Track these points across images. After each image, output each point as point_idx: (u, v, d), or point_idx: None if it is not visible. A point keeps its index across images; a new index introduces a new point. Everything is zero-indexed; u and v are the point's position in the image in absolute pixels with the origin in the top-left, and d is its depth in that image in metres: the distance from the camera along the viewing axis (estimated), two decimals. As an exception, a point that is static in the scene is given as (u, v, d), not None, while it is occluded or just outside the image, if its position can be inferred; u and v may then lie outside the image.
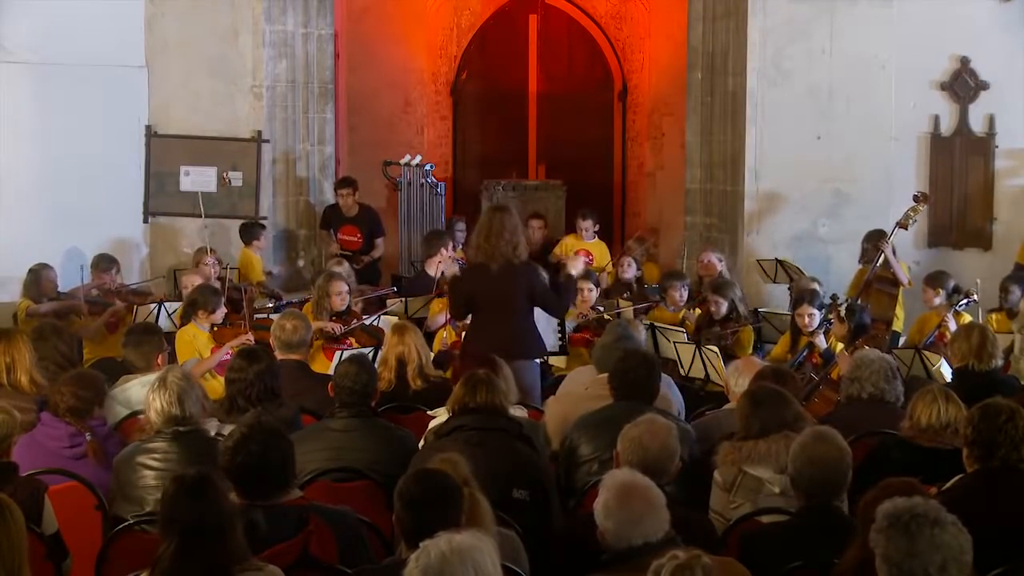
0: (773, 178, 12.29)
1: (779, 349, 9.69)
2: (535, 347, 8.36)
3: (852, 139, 12.25)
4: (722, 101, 12.75)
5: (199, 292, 9.43)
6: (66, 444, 6.17)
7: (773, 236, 12.30)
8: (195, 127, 12.69)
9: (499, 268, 8.21)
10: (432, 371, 7.69)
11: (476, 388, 6.06)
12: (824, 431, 5.19)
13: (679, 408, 7.18)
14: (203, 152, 12.71)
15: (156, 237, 12.82)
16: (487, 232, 8.26)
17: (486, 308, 8.30)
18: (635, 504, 4.57)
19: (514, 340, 8.14)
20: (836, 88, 12.24)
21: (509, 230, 8.23)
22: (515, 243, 8.23)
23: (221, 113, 12.68)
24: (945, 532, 3.94)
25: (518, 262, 8.24)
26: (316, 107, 13.24)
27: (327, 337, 9.48)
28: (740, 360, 7.36)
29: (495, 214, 8.35)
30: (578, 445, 6.28)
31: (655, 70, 16.58)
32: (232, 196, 12.80)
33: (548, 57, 17.54)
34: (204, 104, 12.66)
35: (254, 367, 6.63)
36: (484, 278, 8.25)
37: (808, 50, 12.22)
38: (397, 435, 6.35)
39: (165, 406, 5.84)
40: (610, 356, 6.84)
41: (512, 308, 8.24)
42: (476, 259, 8.41)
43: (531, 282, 8.27)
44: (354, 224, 12.76)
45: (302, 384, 7.45)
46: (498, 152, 17.40)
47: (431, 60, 17.11)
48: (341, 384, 6.36)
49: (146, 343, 7.48)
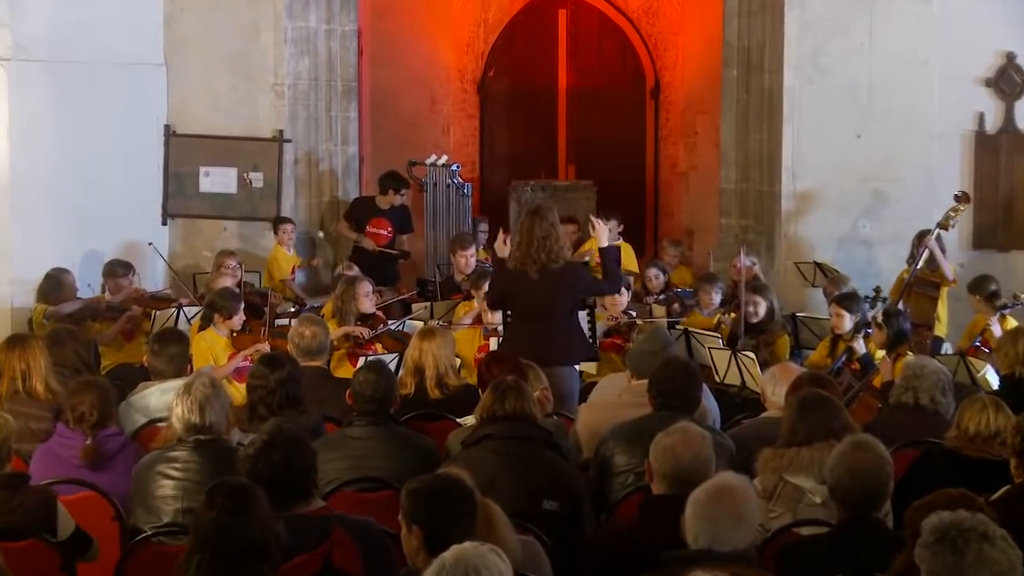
0: (811, 178, 12.23)
1: (817, 355, 9.64)
2: (577, 350, 8.40)
3: (893, 137, 12.17)
4: (758, 98, 12.70)
5: (217, 296, 9.44)
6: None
7: (811, 238, 12.24)
8: (215, 126, 12.71)
9: (537, 275, 8.26)
10: (454, 380, 7.62)
11: (505, 395, 6.04)
12: (864, 439, 5.14)
13: (715, 417, 7.14)
14: (223, 152, 12.73)
15: (175, 240, 12.86)
16: (519, 239, 8.35)
17: (524, 314, 8.37)
18: (732, 507, 4.55)
19: (553, 345, 8.18)
20: (876, 85, 12.16)
21: (541, 235, 8.26)
22: (550, 247, 8.26)
23: (242, 112, 12.69)
24: (994, 547, 3.88)
25: (557, 266, 8.28)
26: (339, 106, 13.25)
27: (354, 342, 9.48)
28: (777, 366, 7.31)
29: (526, 219, 8.42)
30: (613, 455, 6.26)
31: (688, 66, 16.55)
32: (253, 197, 12.82)
33: (578, 53, 17.53)
34: (224, 103, 12.68)
35: (276, 374, 6.63)
36: (523, 284, 8.30)
37: (847, 46, 12.15)
38: (417, 443, 6.35)
39: (186, 413, 5.84)
40: (650, 363, 6.80)
41: (551, 314, 8.30)
42: (511, 264, 8.46)
43: (573, 283, 8.36)
44: (387, 218, 12.77)
45: (325, 391, 7.46)
46: (526, 152, 17.41)
47: (457, 56, 17.11)
48: (359, 392, 6.37)
49: (174, 349, 7.48)
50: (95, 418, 6.23)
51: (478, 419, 6.13)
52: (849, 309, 9.34)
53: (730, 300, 10.82)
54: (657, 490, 5.27)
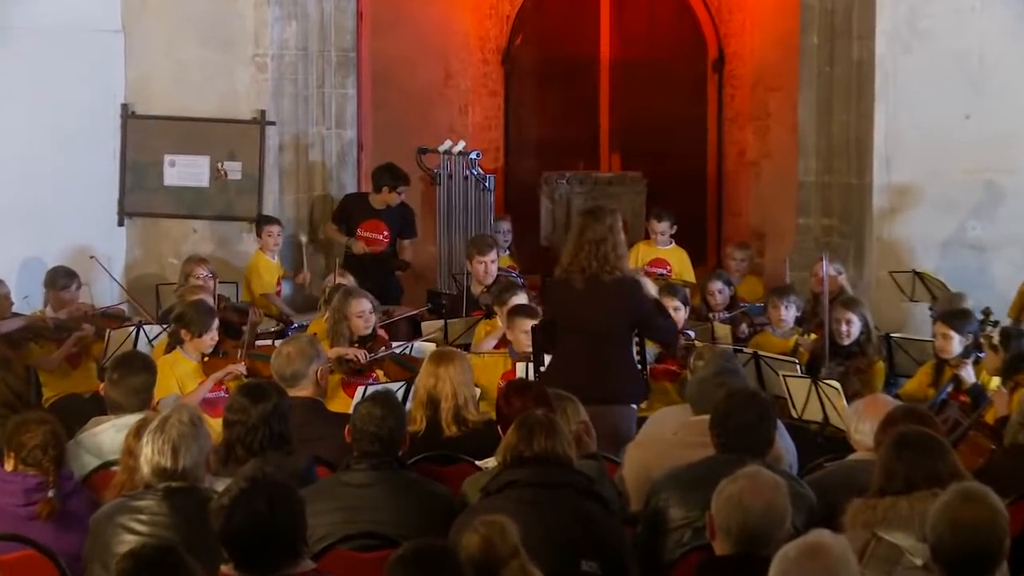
0: (909, 168, 12.22)
1: (915, 384, 9.61)
2: (632, 388, 8.48)
3: (1009, 118, 12.15)
4: (844, 72, 12.69)
5: (188, 309, 9.48)
6: (20, 501, 6.19)
7: (909, 242, 12.22)
8: (182, 106, 12.78)
9: (585, 285, 8.32)
10: (474, 414, 7.66)
11: (533, 433, 6.03)
12: (972, 488, 5.12)
13: (791, 460, 7.14)
14: (192, 137, 12.80)
15: (134, 243, 12.92)
16: (568, 242, 8.46)
17: (568, 335, 8.44)
18: (827, 570, 4.55)
19: (604, 377, 8.25)
20: (988, 55, 12.15)
21: (593, 238, 8.34)
22: (604, 254, 8.33)
23: (215, 89, 12.76)
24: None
25: (610, 278, 8.33)
26: (334, 81, 13.31)
27: (349, 369, 9.52)
28: (864, 399, 7.30)
29: (579, 220, 8.56)
30: (667, 507, 6.25)
31: (759, 34, 16.54)
32: (229, 192, 12.88)
33: (625, 18, 17.54)
34: (194, 77, 12.75)
35: (259, 407, 6.62)
36: (568, 297, 8.38)
37: (953, 7, 12.15)
38: (429, 491, 6.35)
39: (155, 454, 5.83)
40: (712, 394, 6.81)
41: (601, 336, 8.38)
42: (558, 274, 8.55)
43: (630, 303, 8.43)
44: (382, 219, 12.83)
45: (317, 427, 7.45)
46: (561, 137, 17.40)
47: (477, 22, 17.15)
48: (360, 428, 6.36)
49: (138, 379, 7.46)
50: (54, 454, 6.26)
51: (500, 462, 6.14)
52: (958, 329, 9.30)
53: (810, 318, 10.81)
54: (720, 550, 5.27)
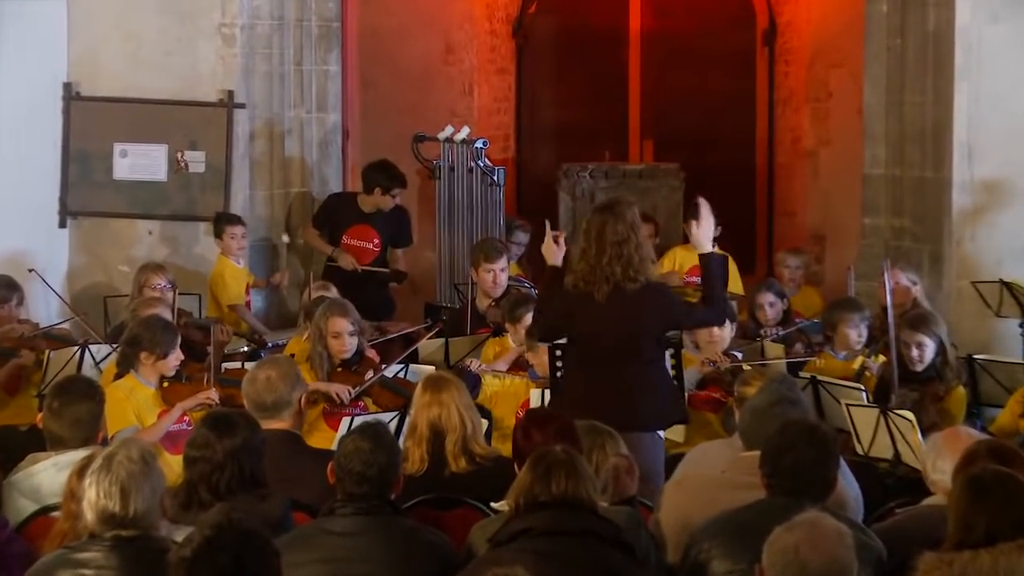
0: (995, 160, 12.21)
1: (1008, 416, 9.61)
2: (664, 409, 8.48)
3: (1116, 101, 12.17)
4: (919, 45, 12.69)
5: (143, 327, 9.47)
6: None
7: (996, 247, 12.22)
8: (136, 86, 12.81)
9: (607, 297, 8.35)
10: (483, 447, 7.68)
11: (551, 473, 6.04)
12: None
13: (856, 505, 7.14)
14: (147, 123, 12.82)
15: (78, 248, 12.92)
16: (584, 246, 8.43)
17: (588, 355, 8.46)
18: None
19: (629, 400, 8.29)
20: (1092, 24, 12.18)
21: (616, 239, 8.35)
22: (629, 257, 8.35)
23: (174, 65, 12.78)
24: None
25: (633, 286, 8.34)
26: (314, 56, 13.33)
27: (331, 399, 9.54)
28: (942, 433, 7.29)
29: (596, 218, 8.52)
30: (710, 558, 6.25)
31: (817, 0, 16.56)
32: (190, 188, 12.88)
33: (658, -19, 17.59)
34: (149, 52, 12.76)
35: (226, 441, 6.63)
36: (586, 310, 8.38)
37: (1051, -34, 12.18)
38: (427, 541, 6.36)
39: (102, 498, 5.81)
40: (763, 426, 6.81)
41: (626, 354, 8.42)
42: (573, 283, 8.52)
43: (659, 310, 8.48)
44: (372, 225, 12.83)
45: (295, 466, 7.46)
46: (584, 122, 17.43)
47: (484, -14, 17.19)
48: (346, 467, 6.37)
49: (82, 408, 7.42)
50: None
51: (513, 506, 6.14)
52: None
53: (878, 336, 10.80)
54: (773, 610, 5.27)
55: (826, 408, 9.50)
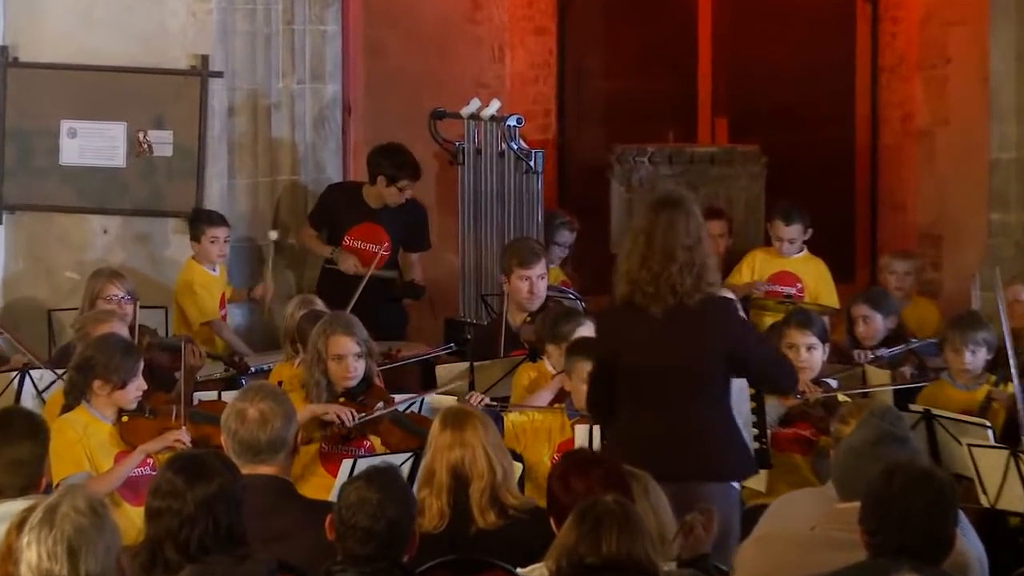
0: None
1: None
2: (734, 458, 8.53)
3: None
4: (1057, -1, 12.73)
5: (97, 348, 9.51)
6: None
7: None
8: (87, 50, 12.86)
9: (666, 313, 8.35)
10: (516, 496, 7.69)
11: (600, 529, 6.05)
12: None
13: (980, 567, 7.13)
14: (102, 96, 12.88)
15: (16, 250, 12.97)
16: (644, 248, 8.39)
17: (642, 385, 8.45)
18: None
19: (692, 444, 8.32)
20: None
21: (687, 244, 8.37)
22: (700, 267, 8.37)
23: (135, 26, 12.82)
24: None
25: (695, 299, 8.34)
26: (308, 14, 13.37)
27: (330, 435, 9.56)
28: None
29: (661, 215, 8.49)
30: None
31: (932, -57, 16.58)
32: (155, 176, 12.92)
33: (734, -79, 17.62)
34: (105, 10, 12.81)
35: (197, 489, 6.62)
36: (640, 330, 8.41)
37: None
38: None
39: (44, 560, 5.85)
40: (863, 471, 6.81)
41: (689, 384, 8.43)
42: (626, 296, 8.51)
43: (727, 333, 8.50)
44: (380, 223, 12.88)
45: (284, 519, 7.48)
46: (642, 95, 17.44)
47: (518, -74, 17.23)
48: (348, 521, 6.40)
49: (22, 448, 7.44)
50: None
51: (554, 569, 6.14)
52: None
53: (1007, 360, 10.79)
54: None
55: (943, 449, 9.52)
